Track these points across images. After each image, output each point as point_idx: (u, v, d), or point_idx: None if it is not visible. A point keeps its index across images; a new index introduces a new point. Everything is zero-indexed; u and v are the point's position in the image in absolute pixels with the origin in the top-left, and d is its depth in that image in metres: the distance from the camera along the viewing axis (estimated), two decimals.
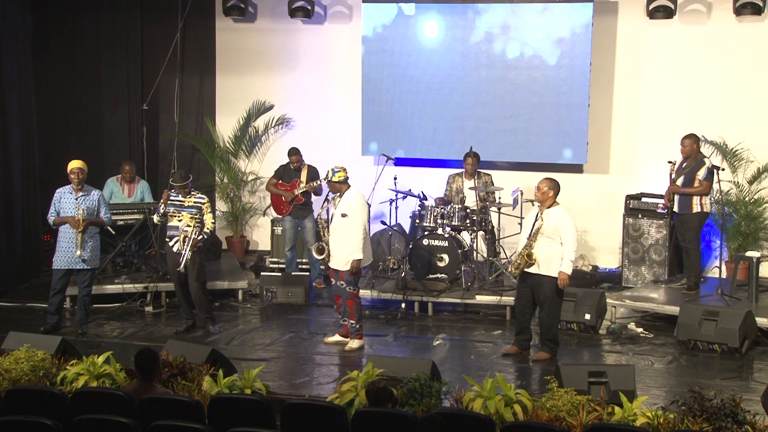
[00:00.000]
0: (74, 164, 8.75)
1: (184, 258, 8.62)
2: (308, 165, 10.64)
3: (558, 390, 6.28)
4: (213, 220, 8.93)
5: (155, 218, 9.03)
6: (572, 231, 7.95)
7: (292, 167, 10.62)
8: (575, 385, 6.50)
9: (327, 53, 12.10)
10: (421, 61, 11.49)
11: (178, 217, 8.73)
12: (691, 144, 9.42)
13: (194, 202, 8.78)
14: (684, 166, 9.41)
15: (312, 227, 10.54)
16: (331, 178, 8.32)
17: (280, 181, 10.66)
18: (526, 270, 8.04)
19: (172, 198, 8.81)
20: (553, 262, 7.94)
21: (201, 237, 8.74)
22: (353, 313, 8.42)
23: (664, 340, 8.70)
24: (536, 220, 7.96)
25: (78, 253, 8.64)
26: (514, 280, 8.44)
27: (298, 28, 12.08)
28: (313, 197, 10.69)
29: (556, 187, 8.00)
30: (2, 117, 10.42)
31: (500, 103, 11.29)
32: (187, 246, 8.61)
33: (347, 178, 8.40)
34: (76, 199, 8.69)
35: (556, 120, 11.10)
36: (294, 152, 10.64)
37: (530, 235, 7.98)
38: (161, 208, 8.81)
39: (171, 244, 8.78)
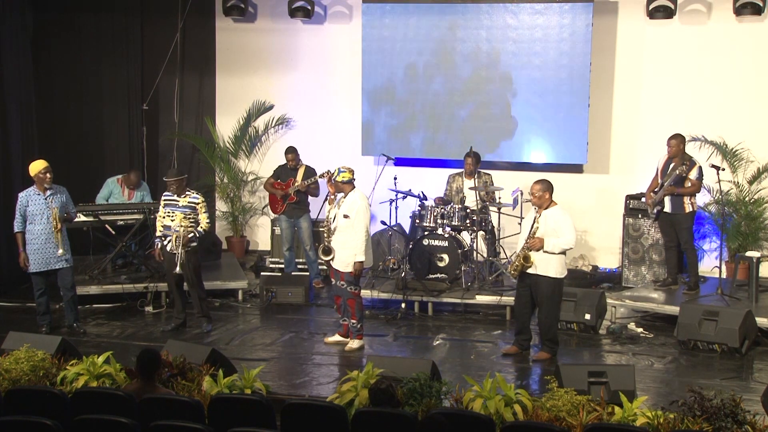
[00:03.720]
0: (42, 164, 8.60)
1: (179, 258, 8.61)
2: (306, 165, 10.65)
3: (558, 390, 6.28)
4: (208, 220, 8.91)
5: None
6: (570, 228, 7.94)
7: (289, 166, 10.63)
8: (575, 385, 6.50)
9: (327, 53, 12.10)
10: (421, 61, 11.50)
11: (172, 216, 8.73)
12: (678, 144, 9.42)
13: (188, 202, 8.77)
14: (672, 167, 9.39)
15: (308, 227, 10.56)
16: (336, 177, 8.32)
17: (278, 180, 10.67)
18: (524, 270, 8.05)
19: (167, 198, 8.81)
20: (550, 262, 7.94)
21: (192, 235, 8.73)
22: (355, 313, 8.42)
23: (664, 340, 8.70)
24: (534, 222, 7.96)
25: (60, 252, 8.61)
26: (514, 281, 8.44)
27: (298, 28, 12.09)
28: (310, 198, 10.70)
29: (549, 187, 7.99)
30: (2, 117, 10.42)
31: (500, 103, 11.30)
32: (179, 245, 8.61)
33: (353, 179, 8.39)
34: (46, 198, 8.61)
35: (556, 120, 11.11)
36: (290, 151, 10.65)
37: (528, 237, 7.98)
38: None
39: (165, 243, 8.79)
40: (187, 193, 8.82)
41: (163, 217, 8.81)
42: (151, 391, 5.98)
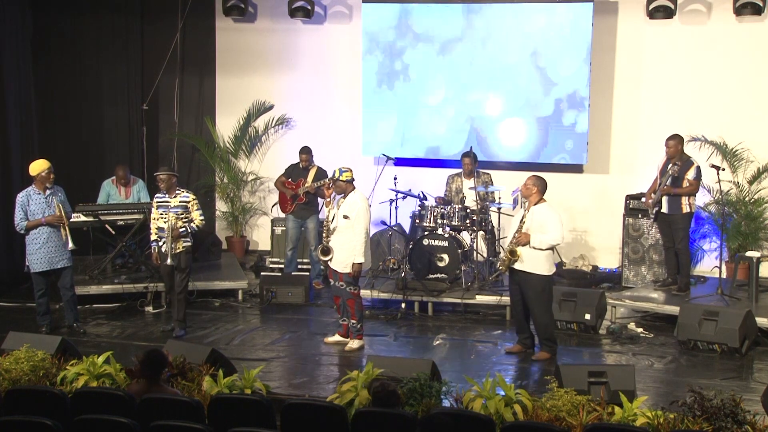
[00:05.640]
0: (45, 164, 8.60)
1: (170, 250, 8.58)
2: (318, 166, 10.63)
3: (558, 390, 6.27)
4: (202, 217, 8.86)
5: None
6: (557, 224, 7.91)
7: (301, 166, 10.64)
8: (575, 385, 6.49)
9: (327, 53, 12.10)
10: (421, 61, 11.50)
11: (164, 218, 8.70)
12: (676, 145, 9.41)
13: (180, 202, 8.72)
14: (670, 167, 9.38)
15: (314, 228, 10.56)
16: (339, 177, 8.30)
17: (289, 179, 10.67)
18: (513, 266, 8.04)
19: (159, 199, 8.78)
20: (538, 259, 7.92)
21: (183, 229, 8.68)
22: (354, 313, 8.42)
23: (664, 340, 8.70)
24: (522, 218, 7.99)
25: (71, 246, 8.61)
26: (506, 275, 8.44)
27: (298, 28, 12.09)
28: (319, 199, 10.68)
29: (542, 184, 8.01)
30: (2, 117, 10.42)
31: (500, 103, 11.31)
32: (170, 236, 8.57)
33: (353, 179, 8.39)
34: (46, 198, 8.61)
35: (556, 120, 11.11)
36: (304, 151, 10.65)
37: (516, 232, 7.98)
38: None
39: (160, 245, 8.78)
40: (177, 192, 8.77)
41: (156, 219, 8.77)
42: (158, 391, 5.96)
